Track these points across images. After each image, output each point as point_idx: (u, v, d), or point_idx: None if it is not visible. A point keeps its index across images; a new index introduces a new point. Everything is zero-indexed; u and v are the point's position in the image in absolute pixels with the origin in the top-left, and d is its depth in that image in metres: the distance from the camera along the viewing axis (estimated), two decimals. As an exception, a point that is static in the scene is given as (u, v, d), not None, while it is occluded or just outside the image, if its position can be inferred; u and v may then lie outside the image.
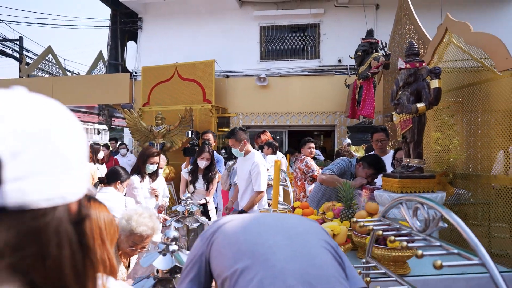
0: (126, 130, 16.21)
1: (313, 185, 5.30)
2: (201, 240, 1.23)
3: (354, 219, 1.73)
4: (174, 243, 1.73)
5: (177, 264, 1.66)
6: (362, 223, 1.61)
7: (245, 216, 1.23)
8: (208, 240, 1.18)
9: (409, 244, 1.24)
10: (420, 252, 1.14)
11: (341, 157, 3.73)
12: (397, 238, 1.34)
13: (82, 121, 18.12)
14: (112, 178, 3.17)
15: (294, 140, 9.48)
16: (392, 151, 4.07)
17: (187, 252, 1.85)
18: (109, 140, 8.86)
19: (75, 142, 0.50)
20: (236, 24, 9.21)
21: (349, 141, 5.97)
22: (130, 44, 10.68)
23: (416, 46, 2.73)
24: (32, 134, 0.45)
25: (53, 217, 0.47)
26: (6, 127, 0.44)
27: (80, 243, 0.50)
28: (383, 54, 6.46)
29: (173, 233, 1.75)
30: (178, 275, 1.76)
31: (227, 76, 9.00)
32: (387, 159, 3.95)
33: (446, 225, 1.25)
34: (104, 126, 16.97)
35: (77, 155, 0.50)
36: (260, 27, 9.18)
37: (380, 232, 1.41)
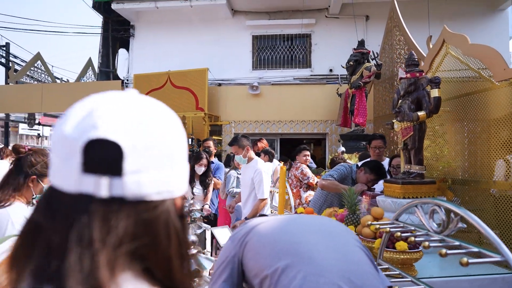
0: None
1: (308, 192, 5.37)
2: (232, 242, 1.26)
3: (369, 222, 1.79)
4: (192, 247, 1.76)
5: (196, 267, 1.69)
6: (378, 226, 1.67)
7: (278, 217, 1.28)
8: (241, 241, 1.22)
9: (431, 244, 1.30)
10: (444, 251, 1.20)
11: (341, 163, 3.81)
12: (417, 239, 1.41)
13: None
14: None
15: (286, 148, 9.56)
16: (387, 159, 4.18)
17: (203, 255, 1.88)
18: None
19: (180, 141, 0.54)
20: (229, 33, 9.31)
21: (343, 149, 6.08)
22: (121, 51, 10.66)
23: (416, 57, 2.84)
24: (148, 131, 0.49)
25: (163, 210, 0.51)
26: (128, 121, 0.48)
27: (184, 236, 0.54)
28: (374, 64, 6.62)
29: (191, 237, 1.78)
30: (196, 279, 1.79)
31: (220, 85, 9.06)
32: (384, 166, 4.06)
33: (465, 225, 1.32)
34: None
35: (181, 154, 0.54)
36: (252, 36, 9.30)
37: (399, 233, 1.47)
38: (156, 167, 0.50)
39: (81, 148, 0.45)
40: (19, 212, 1.99)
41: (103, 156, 0.46)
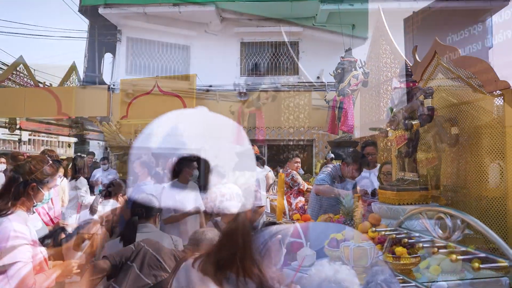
0: (92, 143, 15.72)
1: (298, 199, 5.42)
2: (250, 249, 1.28)
3: (374, 229, 1.83)
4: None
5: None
6: (383, 232, 1.72)
7: (294, 225, 1.31)
8: (260, 249, 1.24)
9: (440, 250, 1.35)
10: (454, 256, 1.25)
11: (326, 165, 3.97)
12: (424, 245, 1.46)
13: (50, 133, 17.43)
14: (114, 190, 3.12)
15: (273, 154, 9.61)
16: (378, 165, 4.28)
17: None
18: (87, 154, 8.66)
19: (249, 155, 0.57)
20: (217, 39, 9.34)
21: (332, 155, 6.18)
22: (106, 56, 10.54)
23: (409, 68, 2.93)
24: (227, 147, 0.52)
25: (239, 222, 0.54)
26: (211, 139, 0.51)
27: (256, 246, 0.57)
28: (362, 72, 6.76)
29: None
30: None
31: (208, 90, 9.06)
32: (374, 172, 4.15)
33: (471, 232, 1.38)
34: (75, 139, 16.36)
35: (251, 167, 0.57)
36: (240, 43, 9.36)
37: (406, 240, 1.52)
38: (234, 181, 0.52)
39: (171, 164, 0.48)
40: (20, 221, 1.96)
41: (192, 172, 0.48)
